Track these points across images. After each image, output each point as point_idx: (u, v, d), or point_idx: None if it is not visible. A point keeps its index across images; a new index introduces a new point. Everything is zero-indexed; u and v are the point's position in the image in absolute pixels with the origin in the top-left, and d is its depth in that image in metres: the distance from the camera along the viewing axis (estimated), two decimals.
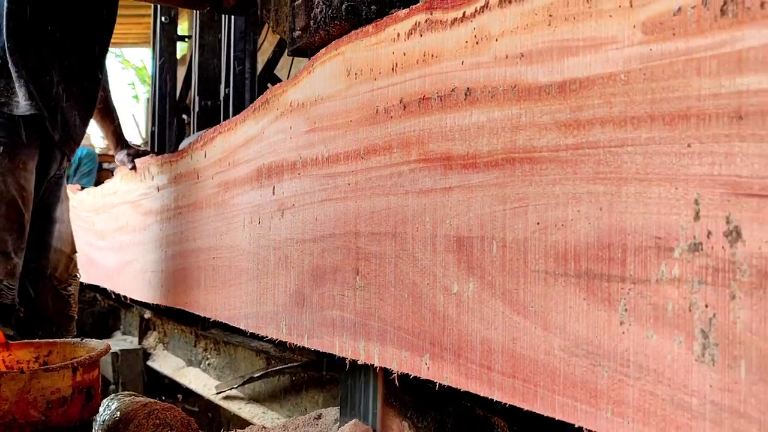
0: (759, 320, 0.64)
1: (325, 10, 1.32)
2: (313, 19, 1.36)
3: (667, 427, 0.72)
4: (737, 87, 0.67)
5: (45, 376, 1.44)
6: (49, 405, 1.43)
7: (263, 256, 1.52)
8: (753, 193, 0.65)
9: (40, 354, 1.71)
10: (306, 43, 1.40)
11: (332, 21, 1.30)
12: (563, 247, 0.83)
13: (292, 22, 1.45)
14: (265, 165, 1.52)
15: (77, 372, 1.47)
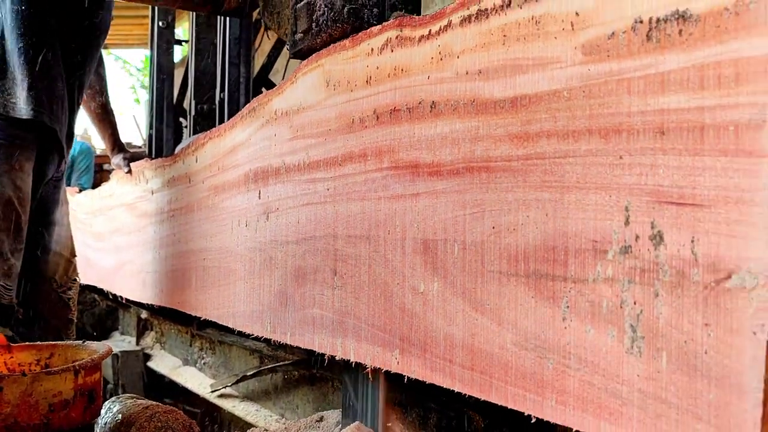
0: (677, 315, 0.72)
1: (327, 13, 1.33)
2: (315, 21, 1.37)
3: (602, 413, 0.80)
4: (660, 105, 0.74)
5: (47, 379, 1.44)
6: (51, 408, 1.43)
7: (250, 258, 1.60)
8: (673, 201, 0.73)
9: (41, 357, 1.71)
10: (308, 45, 1.41)
11: (334, 23, 1.32)
12: (515, 249, 0.91)
13: (294, 24, 1.46)
14: (252, 170, 1.60)
15: (79, 375, 1.47)
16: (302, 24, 1.42)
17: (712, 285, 0.69)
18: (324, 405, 2.38)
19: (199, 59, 3.35)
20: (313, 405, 2.45)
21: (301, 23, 1.42)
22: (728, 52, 0.68)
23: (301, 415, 2.52)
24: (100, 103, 2.96)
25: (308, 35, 1.40)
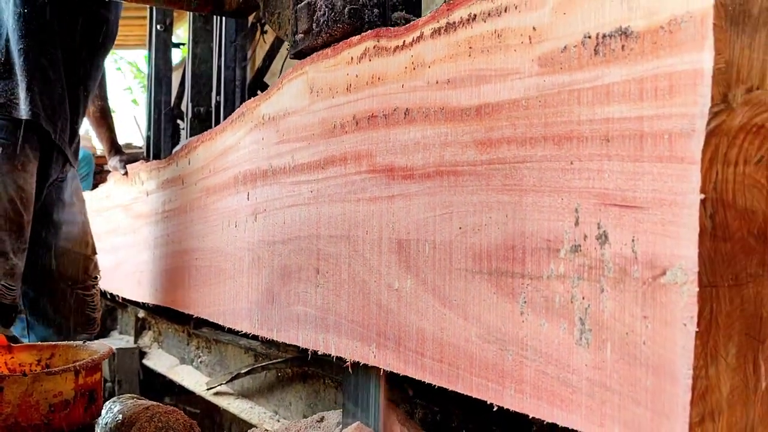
0: (620, 309, 0.79)
1: (328, 13, 1.34)
2: (316, 22, 1.38)
3: (554, 400, 0.86)
4: (606, 114, 0.81)
5: (47, 379, 1.44)
6: (51, 408, 1.44)
7: (239, 257, 1.67)
8: (616, 204, 0.79)
9: (42, 357, 1.71)
10: (308, 45, 1.42)
11: (335, 24, 1.33)
12: (479, 248, 0.98)
13: (295, 25, 1.47)
14: (241, 172, 1.67)
15: (80, 375, 1.48)
16: (303, 24, 1.43)
17: (650, 281, 0.75)
18: (316, 401, 2.44)
19: (196, 63, 3.42)
20: (306, 402, 2.51)
21: (302, 23, 1.43)
22: (663, 67, 0.75)
23: (294, 412, 2.58)
24: (99, 106, 3.02)
25: (309, 35, 1.41)
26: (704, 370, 0.72)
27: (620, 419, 0.78)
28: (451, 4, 1.04)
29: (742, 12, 0.72)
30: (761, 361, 0.75)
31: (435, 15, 1.07)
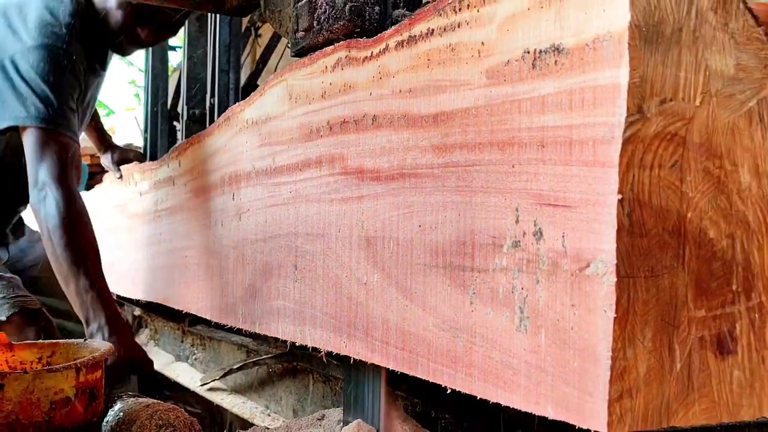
0: (553, 298, 0.88)
1: (329, 11, 1.36)
2: (317, 20, 1.40)
3: (498, 382, 0.95)
4: (541, 123, 0.90)
5: (48, 376, 1.45)
6: (52, 405, 1.44)
7: (225, 255, 1.77)
8: (550, 203, 0.89)
9: (43, 355, 1.71)
10: (309, 44, 1.43)
11: (336, 22, 1.35)
12: (435, 244, 1.07)
13: (296, 23, 1.48)
14: (227, 174, 1.76)
15: (81, 373, 1.48)
16: (303, 22, 1.44)
17: (577, 272, 0.85)
18: (305, 396, 2.54)
19: (192, 66, 3.52)
20: (295, 396, 2.61)
21: (303, 21, 1.44)
22: (589, 80, 0.84)
23: (284, 407, 2.68)
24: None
25: (309, 33, 1.42)
26: (622, 352, 0.81)
27: (552, 398, 0.87)
28: (413, 19, 1.13)
29: (655, 32, 0.81)
30: (676, 344, 0.85)
31: (399, 29, 1.16)
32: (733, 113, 0.87)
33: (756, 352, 0.89)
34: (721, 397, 0.87)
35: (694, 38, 0.84)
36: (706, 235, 0.86)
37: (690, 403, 0.86)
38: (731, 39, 0.86)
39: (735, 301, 0.88)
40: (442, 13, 1.07)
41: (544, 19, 0.90)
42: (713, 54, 0.85)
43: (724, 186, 0.87)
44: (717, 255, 0.86)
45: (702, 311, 0.86)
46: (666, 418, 0.85)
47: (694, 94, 0.84)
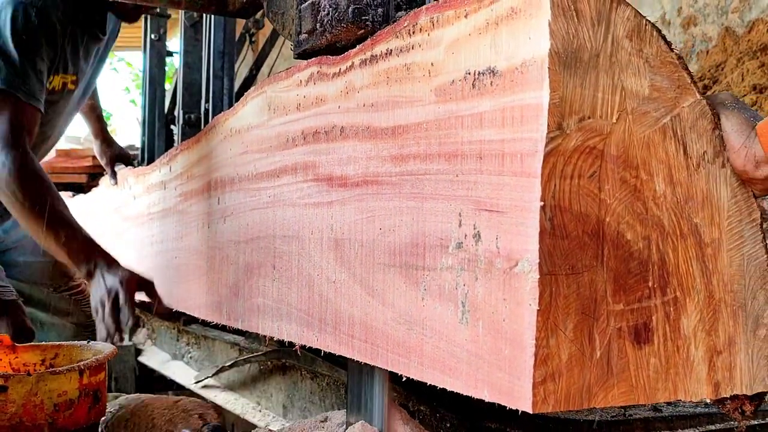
0: (488, 293, 1.00)
1: (332, 13, 1.38)
2: (320, 22, 1.41)
3: (445, 369, 1.07)
4: (480, 137, 1.02)
5: (52, 378, 1.46)
6: (55, 408, 1.45)
7: (211, 255, 1.89)
8: (486, 209, 1.00)
9: (46, 357, 1.73)
10: (312, 46, 1.45)
11: (339, 24, 1.36)
12: (393, 245, 1.19)
13: (299, 25, 1.49)
14: (213, 179, 1.88)
15: (84, 375, 1.49)
16: (307, 24, 1.45)
17: (508, 270, 0.96)
18: (294, 392, 2.66)
19: (187, 71, 3.64)
20: (285, 393, 2.73)
21: (306, 24, 1.46)
22: (518, 100, 0.96)
23: (275, 403, 2.80)
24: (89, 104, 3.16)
25: (313, 36, 1.44)
26: (545, 340, 0.93)
27: (488, 382, 0.99)
28: (374, 39, 1.25)
29: (574, 58, 0.93)
30: (596, 334, 0.96)
31: (363, 48, 1.28)
32: (649, 129, 0.99)
33: (671, 342, 1.01)
34: (638, 382, 0.99)
35: (610, 63, 0.96)
36: (624, 237, 0.97)
37: (609, 387, 0.97)
38: (646, 63, 0.98)
39: (651, 296, 0.99)
40: (399, 36, 1.19)
41: (482, 44, 1.02)
42: (629, 76, 0.97)
43: (640, 193, 0.98)
44: (634, 255, 0.98)
45: (620, 305, 0.98)
46: (587, 400, 0.96)
47: (611, 112, 0.96)
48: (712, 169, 1.03)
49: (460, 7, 1.06)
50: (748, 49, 6.03)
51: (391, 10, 1.36)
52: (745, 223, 1.05)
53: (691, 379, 1.02)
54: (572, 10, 0.93)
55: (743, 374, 1.05)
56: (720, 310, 1.04)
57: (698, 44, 6.81)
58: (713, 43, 6.47)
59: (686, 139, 1.01)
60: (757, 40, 6.03)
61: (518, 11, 0.96)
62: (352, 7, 1.34)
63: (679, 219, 1.01)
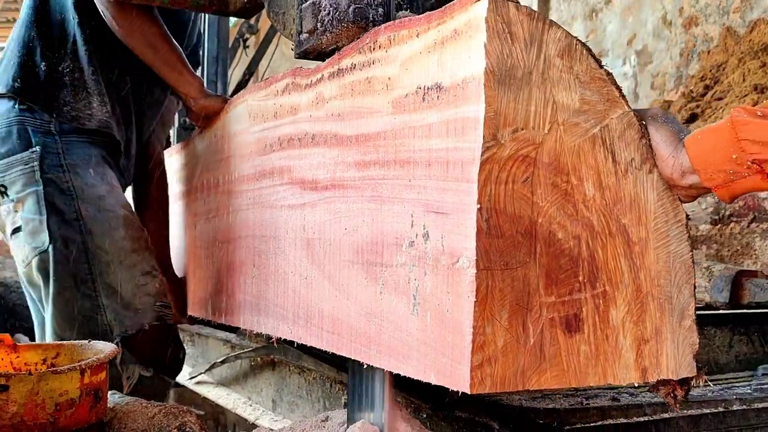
0: (435, 287, 1.12)
1: (333, 13, 1.40)
2: (320, 22, 1.43)
3: (399, 356, 1.19)
4: (429, 146, 1.14)
5: (53, 378, 1.46)
6: (57, 407, 1.46)
7: (198, 255, 2.01)
8: (434, 211, 1.12)
9: (47, 356, 1.73)
10: (313, 46, 1.47)
11: (339, 24, 1.39)
12: (357, 244, 1.31)
13: (299, 24, 1.51)
14: (200, 182, 2.01)
15: (85, 374, 1.50)
16: (307, 24, 1.48)
17: (451, 266, 1.08)
18: (282, 387, 2.79)
19: None
20: (274, 388, 2.86)
21: (306, 23, 1.48)
22: (460, 113, 1.08)
23: (265, 397, 2.93)
24: None
25: (313, 35, 1.47)
26: (483, 329, 1.05)
27: (434, 367, 1.11)
28: (341, 54, 1.38)
29: (508, 75, 1.05)
30: (529, 324, 1.08)
31: (331, 62, 1.41)
32: (579, 138, 1.11)
33: (600, 331, 1.13)
34: (569, 367, 1.11)
35: (543, 79, 1.08)
36: (555, 236, 1.09)
37: (542, 371, 1.09)
38: (576, 79, 1.10)
39: (581, 290, 1.11)
40: (362, 51, 1.31)
41: (431, 62, 1.14)
42: (560, 91, 1.09)
43: (570, 197, 1.10)
44: (565, 252, 1.10)
45: (552, 297, 1.10)
46: (521, 383, 1.08)
47: (543, 124, 1.08)
48: (640, 174, 1.15)
49: (413, 27, 1.18)
50: (749, 49, 6.13)
51: (392, 10, 1.39)
52: (671, 224, 1.17)
53: (619, 364, 1.14)
54: (506, 33, 1.05)
55: (669, 361, 1.17)
56: (647, 303, 1.15)
57: (699, 44, 6.91)
58: (714, 43, 6.57)
59: (615, 147, 1.13)
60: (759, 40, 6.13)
61: (460, 33, 1.08)
62: (353, 6, 1.37)
63: (608, 220, 1.13)
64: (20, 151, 1.87)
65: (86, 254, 1.85)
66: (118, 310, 1.85)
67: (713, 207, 4.15)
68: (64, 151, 1.90)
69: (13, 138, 1.88)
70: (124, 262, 1.87)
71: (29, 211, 1.86)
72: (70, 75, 1.95)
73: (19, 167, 1.88)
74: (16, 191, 1.88)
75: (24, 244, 1.88)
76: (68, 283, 1.84)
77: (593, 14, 8.22)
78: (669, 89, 7.29)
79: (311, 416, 2.61)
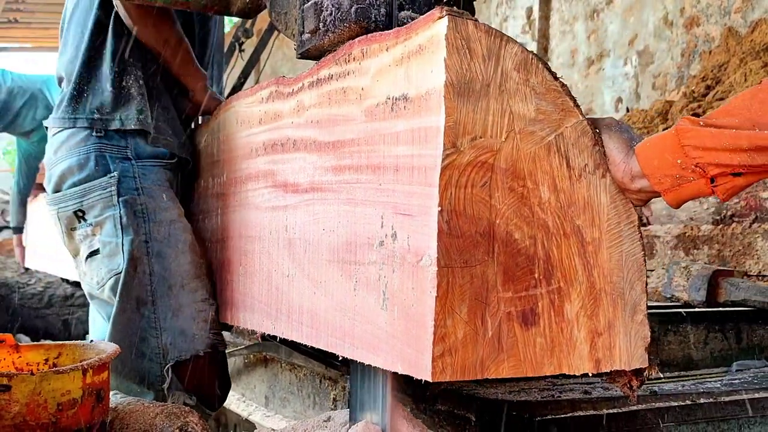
0: (402, 283, 1.22)
1: (335, 13, 1.42)
2: (323, 22, 1.45)
3: (370, 348, 1.30)
4: (397, 153, 1.24)
5: (55, 378, 1.47)
6: (59, 407, 1.47)
7: None
8: (401, 213, 1.23)
9: (49, 356, 1.74)
10: (315, 46, 1.48)
11: (341, 24, 1.41)
12: (333, 244, 1.41)
13: (301, 24, 1.52)
14: (195, 182, 2.12)
15: (87, 374, 1.51)
16: (309, 24, 1.50)
17: (415, 264, 1.19)
18: (275, 383, 2.90)
19: None
20: (267, 384, 2.97)
21: (309, 23, 1.50)
22: (423, 123, 1.18)
23: (258, 394, 3.04)
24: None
25: (315, 35, 1.48)
26: (443, 322, 1.15)
27: (401, 358, 1.22)
28: (320, 65, 1.48)
29: (467, 88, 1.15)
30: (488, 317, 1.18)
31: (311, 72, 1.51)
32: (535, 145, 1.21)
33: (556, 324, 1.23)
34: (526, 357, 1.21)
35: (500, 91, 1.18)
36: (512, 237, 1.20)
37: (500, 361, 1.20)
38: (532, 90, 1.20)
39: (537, 286, 1.21)
40: (338, 63, 1.41)
41: (399, 74, 1.24)
42: (517, 102, 1.19)
43: (526, 200, 1.21)
44: (521, 251, 1.20)
45: (509, 293, 1.20)
46: (480, 372, 1.19)
47: (501, 132, 1.18)
48: (593, 179, 1.25)
49: (384, 41, 1.28)
50: (750, 49, 6.21)
51: (393, 10, 1.40)
52: (624, 225, 1.27)
53: (574, 356, 1.24)
54: (466, 48, 1.15)
55: (622, 353, 1.27)
56: (600, 298, 1.26)
57: (701, 44, 6.99)
58: (716, 43, 6.65)
59: (569, 153, 1.23)
60: (760, 40, 6.21)
61: (424, 48, 1.18)
62: (355, 6, 1.38)
63: (563, 221, 1.23)
64: (98, 177, 1.95)
65: (151, 276, 1.90)
66: (175, 334, 1.90)
67: (715, 207, 4.23)
68: (139, 175, 1.96)
69: (91, 164, 1.95)
70: (186, 287, 1.92)
71: (107, 234, 1.93)
72: (140, 97, 2.01)
73: (98, 192, 1.95)
74: (94, 215, 1.95)
75: (101, 266, 1.94)
76: (131, 303, 1.90)
77: (594, 14, 8.29)
78: (670, 89, 7.36)
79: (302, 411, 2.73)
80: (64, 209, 1.99)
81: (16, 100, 4.76)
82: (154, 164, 2.01)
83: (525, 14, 8.05)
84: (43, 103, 4.81)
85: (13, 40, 9.49)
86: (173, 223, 1.96)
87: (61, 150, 2.00)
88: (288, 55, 10.05)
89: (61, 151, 2.00)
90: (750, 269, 3.69)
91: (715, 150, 1.17)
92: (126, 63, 2.00)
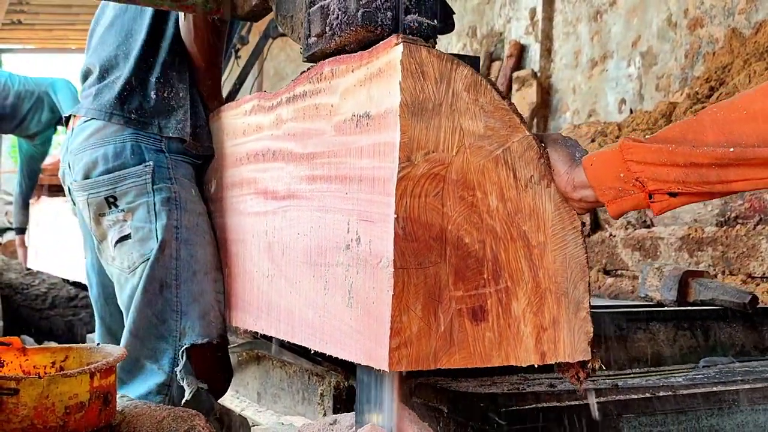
0: (365, 283, 1.38)
1: (341, 17, 1.46)
2: (329, 25, 1.49)
3: (337, 343, 1.45)
4: (361, 165, 1.40)
5: (63, 381, 1.50)
6: (66, 410, 1.49)
7: None
8: (364, 219, 1.39)
9: (56, 359, 1.77)
10: (321, 49, 1.52)
11: (348, 27, 1.44)
12: (306, 247, 1.58)
13: (308, 28, 1.56)
14: None
15: (95, 377, 1.54)
16: (316, 28, 1.53)
17: (376, 265, 1.34)
18: (267, 380, 3.06)
19: None
20: (259, 381, 3.13)
21: (315, 27, 1.53)
22: (383, 138, 1.34)
23: (251, 390, 3.20)
24: None
25: (322, 39, 1.52)
26: (399, 317, 1.31)
27: (363, 351, 1.37)
28: (296, 82, 1.64)
29: (420, 108, 1.31)
30: (440, 313, 1.34)
31: (288, 88, 1.67)
32: (484, 159, 1.37)
33: (503, 320, 1.38)
34: (476, 350, 1.37)
35: (451, 110, 1.34)
36: (463, 241, 1.35)
37: (452, 353, 1.35)
38: (481, 109, 1.36)
39: (486, 285, 1.37)
40: (311, 81, 1.57)
41: (362, 94, 1.40)
42: (467, 120, 1.35)
43: (476, 208, 1.36)
44: (471, 254, 1.36)
45: (460, 292, 1.35)
46: (434, 363, 1.34)
47: (452, 147, 1.34)
48: (538, 188, 1.41)
49: (350, 63, 1.44)
50: (754, 50, 6.32)
51: (400, 14, 1.41)
52: (568, 230, 1.43)
53: (520, 349, 1.40)
54: (419, 72, 1.31)
55: (566, 346, 1.43)
56: (546, 297, 1.41)
57: (704, 46, 7.10)
58: (720, 44, 6.75)
59: (516, 165, 1.39)
60: (764, 41, 6.31)
61: (383, 71, 1.34)
62: (362, 10, 1.40)
63: (510, 227, 1.39)
64: (133, 166, 2.03)
65: (177, 261, 1.98)
66: (194, 319, 1.97)
67: (719, 209, 4.33)
68: (172, 166, 2.05)
69: (127, 153, 2.04)
70: (209, 275, 2.01)
71: (140, 219, 2.02)
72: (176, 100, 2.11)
73: (132, 179, 2.03)
74: (127, 201, 2.04)
75: (132, 251, 2.02)
76: (154, 285, 1.98)
77: (598, 16, 8.39)
78: (674, 91, 7.47)
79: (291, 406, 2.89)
80: (95, 195, 2.07)
81: (24, 104, 4.94)
82: (185, 160, 2.10)
83: (528, 15, 8.17)
84: (48, 106, 4.99)
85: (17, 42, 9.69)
86: (201, 215, 2.06)
87: (93, 137, 2.07)
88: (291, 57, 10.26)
89: (93, 138, 2.07)
90: (754, 271, 3.82)
91: (654, 165, 1.30)
92: (172, 75, 2.11)
